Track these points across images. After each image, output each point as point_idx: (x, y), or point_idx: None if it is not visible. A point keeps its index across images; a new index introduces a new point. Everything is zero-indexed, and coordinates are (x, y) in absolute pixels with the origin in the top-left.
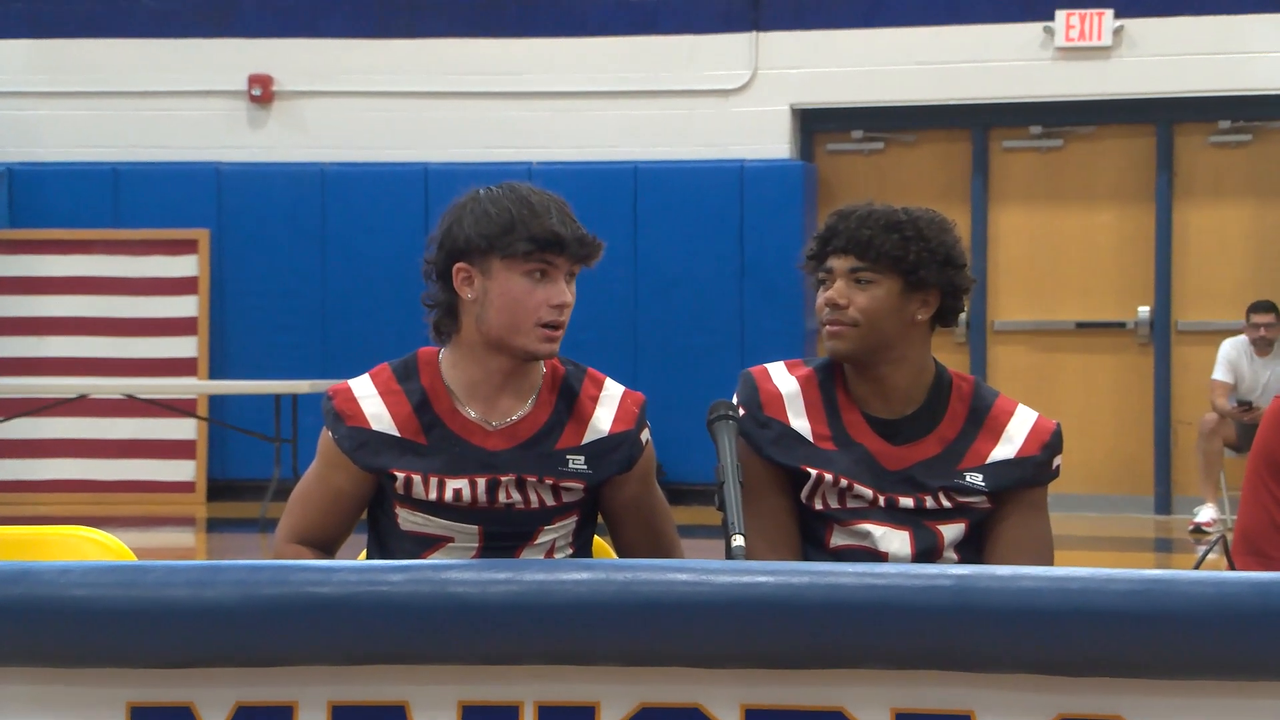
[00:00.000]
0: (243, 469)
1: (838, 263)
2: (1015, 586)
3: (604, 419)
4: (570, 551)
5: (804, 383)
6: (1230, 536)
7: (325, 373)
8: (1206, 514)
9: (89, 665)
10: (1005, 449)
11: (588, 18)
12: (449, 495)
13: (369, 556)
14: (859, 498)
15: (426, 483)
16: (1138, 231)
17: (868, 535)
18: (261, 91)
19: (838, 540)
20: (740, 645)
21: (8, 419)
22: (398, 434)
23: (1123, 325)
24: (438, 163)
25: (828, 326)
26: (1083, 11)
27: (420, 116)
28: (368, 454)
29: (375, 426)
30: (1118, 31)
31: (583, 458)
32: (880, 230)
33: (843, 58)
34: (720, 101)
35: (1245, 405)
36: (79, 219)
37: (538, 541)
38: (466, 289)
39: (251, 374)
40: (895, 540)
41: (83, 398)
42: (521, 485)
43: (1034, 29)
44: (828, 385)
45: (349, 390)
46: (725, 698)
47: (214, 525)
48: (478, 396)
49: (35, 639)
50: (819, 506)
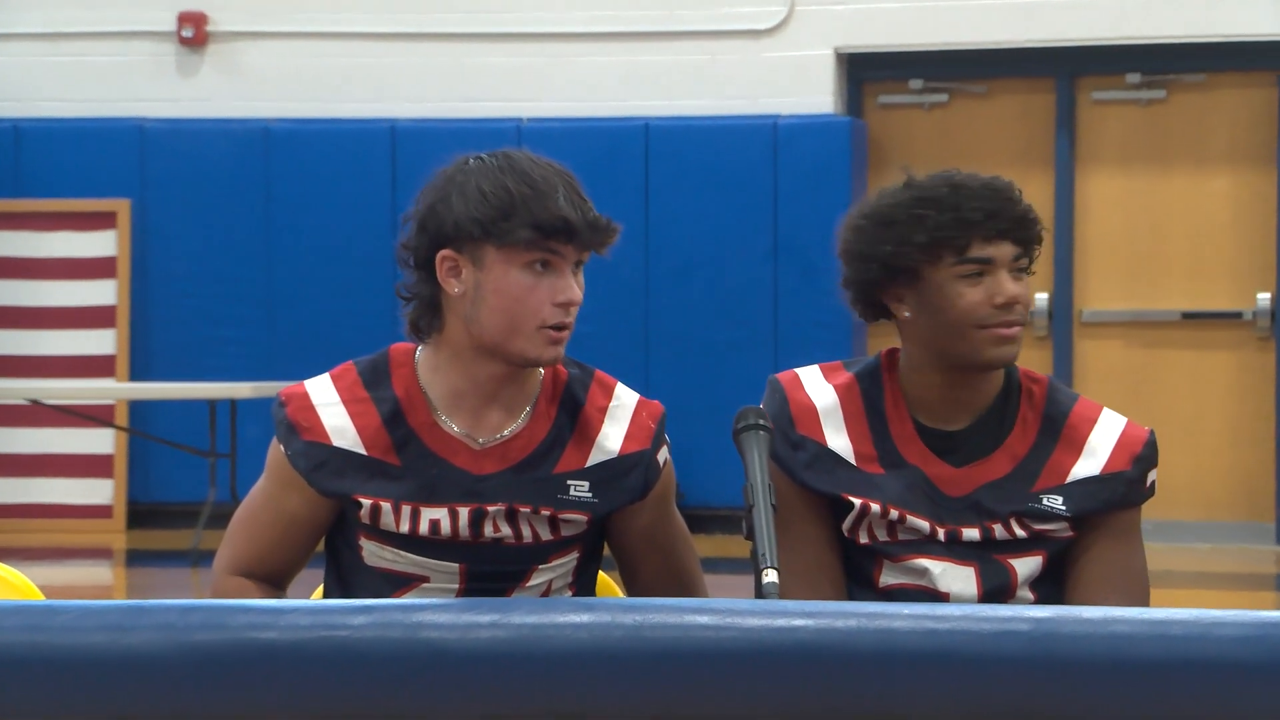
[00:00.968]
0: (171, 490)
1: (998, 250)
2: (1106, 632)
3: (614, 436)
4: (570, 595)
5: (843, 392)
6: None
7: (272, 373)
8: None
9: None
10: (1089, 464)
11: None
12: (425, 527)
13: (326, 594)
14: (913, 530)
15: (398, 511)
16: (1258, 201)
17: (925, 572)
18: (193, 32)
19: (888, 578)
20: (773, 703)
21: None
22: (364, 452)
23: (1239, 316)
24: (407, 119)
25: (1000, 330)
26: None
27: (385, 63)
28: (327, 475)
29: (337, 442)
30: None
31: (587, 484)
32: (1020, 203)
33: None
34: (749, 44)
35: None
36: None
37: (531, 583)
38: (453, 282)
39: (181, 375)
40: (958, 578)
41: None
42: (512, 517)
43: None
44: (873, 394)
45: (305, 396)
46: None
47: (136, 558)
48: (462, 407)
49: None
50: (865, 540)
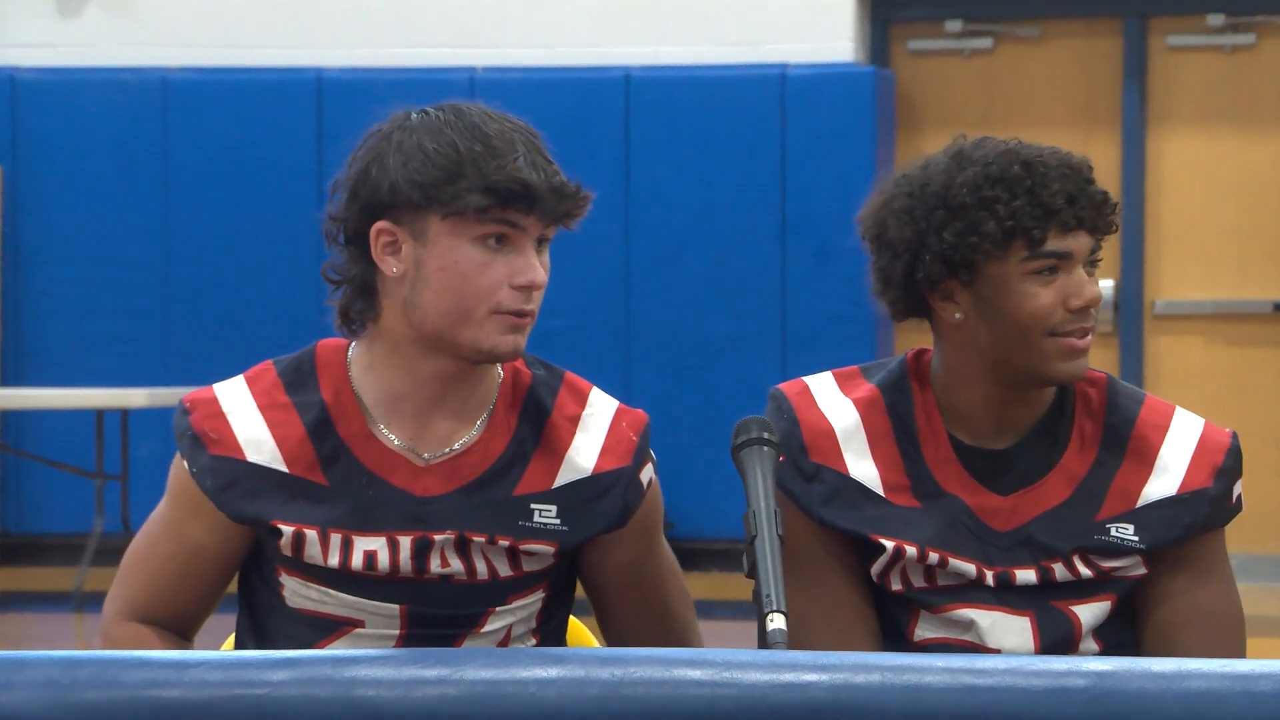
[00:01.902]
0: (49, 519)
1: (1077, 242)
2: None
3: (587, 451)
4: (533, 644)
5: (866, 408)
6: None
7: (171, 378)
8: None
9: None
10: (1163, 482)
11: None
12: (358, 560)
13: (239, 644)
14: (957, 574)
15: (325, 541)
16: None
17: (970, 625)
18: None
19: (925, 632)
20: None
21: None
22: (284, 469)
23: None
24: (336, 68)
25: (1073, 339)
26: None
27: (310, 1)
28: (240, 497)
29: (252, 457)
30: None
31: (554, 508)
32: (1096, 185)
33: None
34: None
35: None
36: None
37: (486, 629)
38: (391, 260)
39: (61, 379)
40: (1011, 630)
41: None
42: (464, 547)
43: None
44: (901, 409)
45: (214, 401)
46: None
47: (8, 601)
48: (402, 414)
49: None
50: (897, 587)
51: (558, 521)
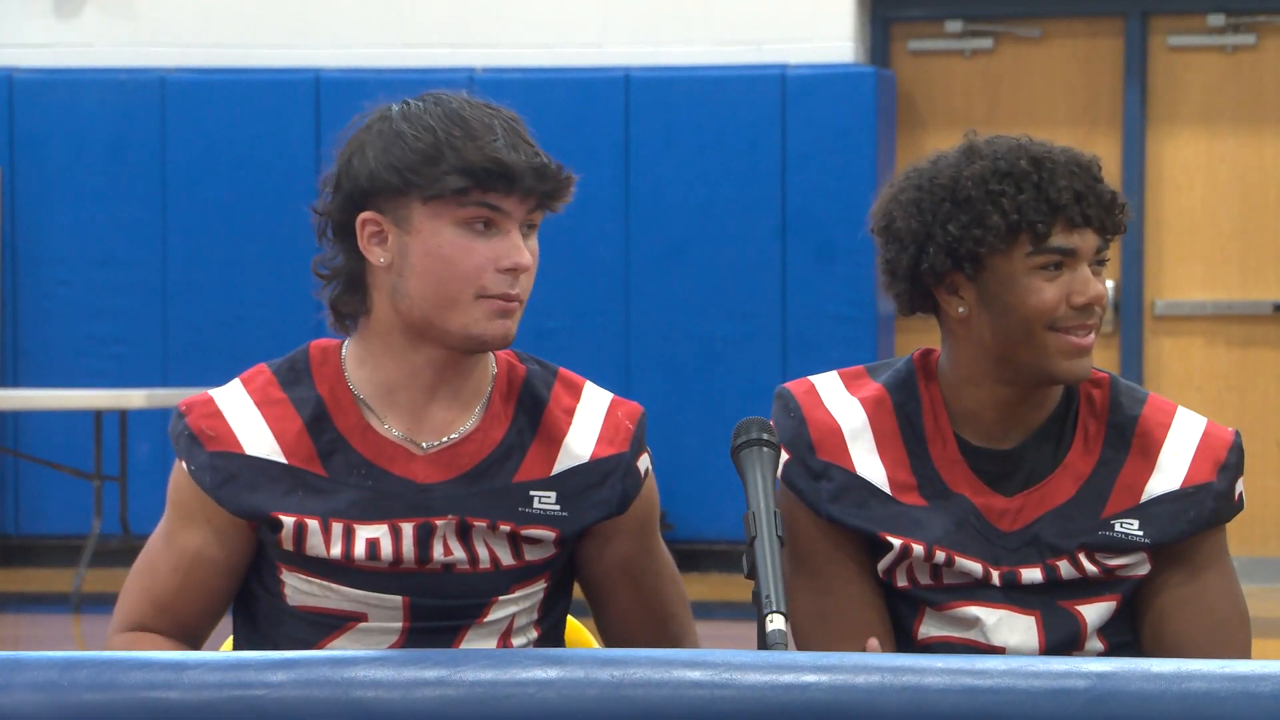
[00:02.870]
0: (47, 520)
1: (1084, 240)
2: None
3: (584, 439)
4: (535, 636)
5: (873, 407)
6: None
7: (169, 379)
8: None
9: None
10: (1166, 477)
11: None
12: (361, 549)
13: (237, 646)
14: (962, 573)
15: (327, 531)
16: None
17: (975, 623)
18: None
19: (930, 629)
20: None
21: None
22: (283, 460)
23: None
24: (334, 68)
25: (1075, 336)
26: None
27: (309, 1)
28: (240, 490)
29: (251, 450)
30: None
31: (554, 494)
32: (1105, 184)
33: None
34: None
35: None
36: None
37: (489, 619)
38: (377, 250)
39: (60, 381)
40: (1016, 629)
41: None
42: (466, 533)
43: None
44: (909, 408)
45: (210, 402)
46: None
47: (7, 603)
48: (398, 405)
49: None
50: (903, 584)
51: (558, 508)
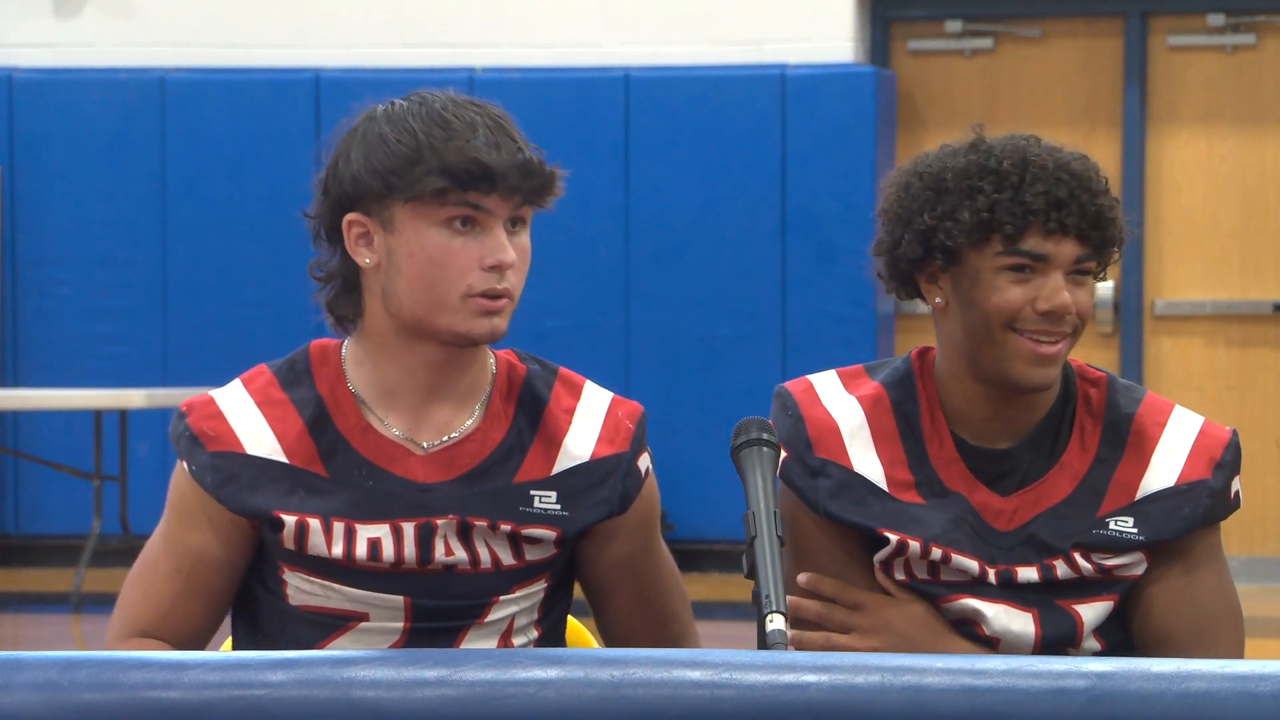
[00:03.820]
0: (47, 520)
1: (1059, 248)
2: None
3: (584, 439)
4: (535, 636)
5: (870, 405)
6: None
7: (169, 378)
8: None
9: None
10: (1161, 475)
11: None
12: (362, 549)
13: (237, 647)
14: (959, 571)
15: (329, 530)
16: None
17: (974, 615)
18: None
19: None
20: None
21: None
22: (285, 460)
23: None
24: (334, 68)
25: (1036, 342)
26: None
27: (309, 1)
28: (241, 490)
29: (252, 450)
30: None
31: (554, 494)
32: (1100, 195)
33: None
34: None
35: None
36: None
37: (489, 619)
38: (365, 252)
39: (59, 380)
40: (1015, 620)
41: None
42: (466, 533)
43: None
44: (906, 406)
45: (211, 403)
46: None
47: (7, 602)
48: (398, 405)
49: None
50: (901, 577)
51: (558, 507)
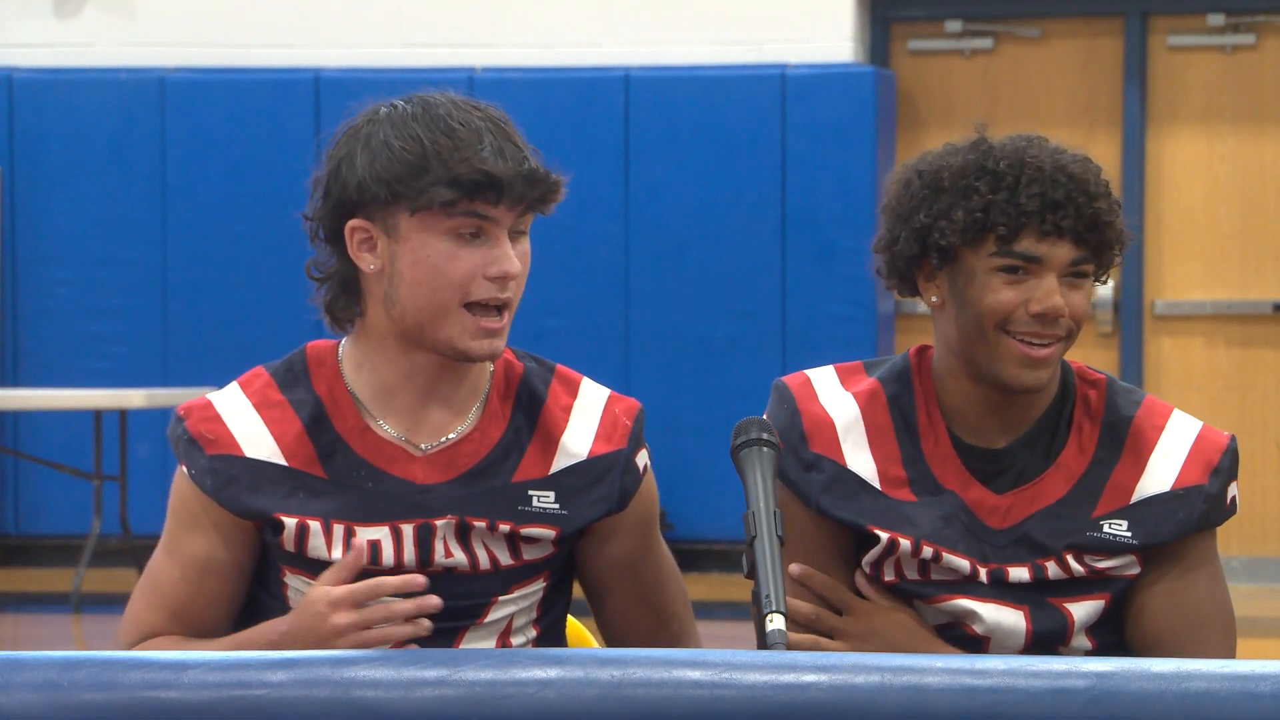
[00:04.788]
0: (47, 520)
1: (1050, 250)
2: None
3: (581, 437)
4: (534, 635)
5: (866, 401)
6: None
7: (169, 378)
8: None
9: None
10: (1157, 479)
11: None
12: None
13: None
14: (951, 569)
15: (329, 532)
16: None
17: (969, 613)
18: None
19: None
20: None
21: None
22: (284, 462)
23: None
24: (334, 68)
25: (1028, 344)
26: None
27: (309, 1)
28: (240, 492)
29: (250, 452)
30: None
31: (553, 493)
32: (1098, 198)
33: None
34: None
35: None
36: None
37: (488, 619)
38: (367, 257)
39: (59, 380)
40: (1006, 618)
41: None
42: (465, 534)
43: None
44: (902, 403)
45: (209, 406)
46: None
47: (7, 602)
48: (396, 407)
49: None
50: (890, 577)
51: (556, 506)
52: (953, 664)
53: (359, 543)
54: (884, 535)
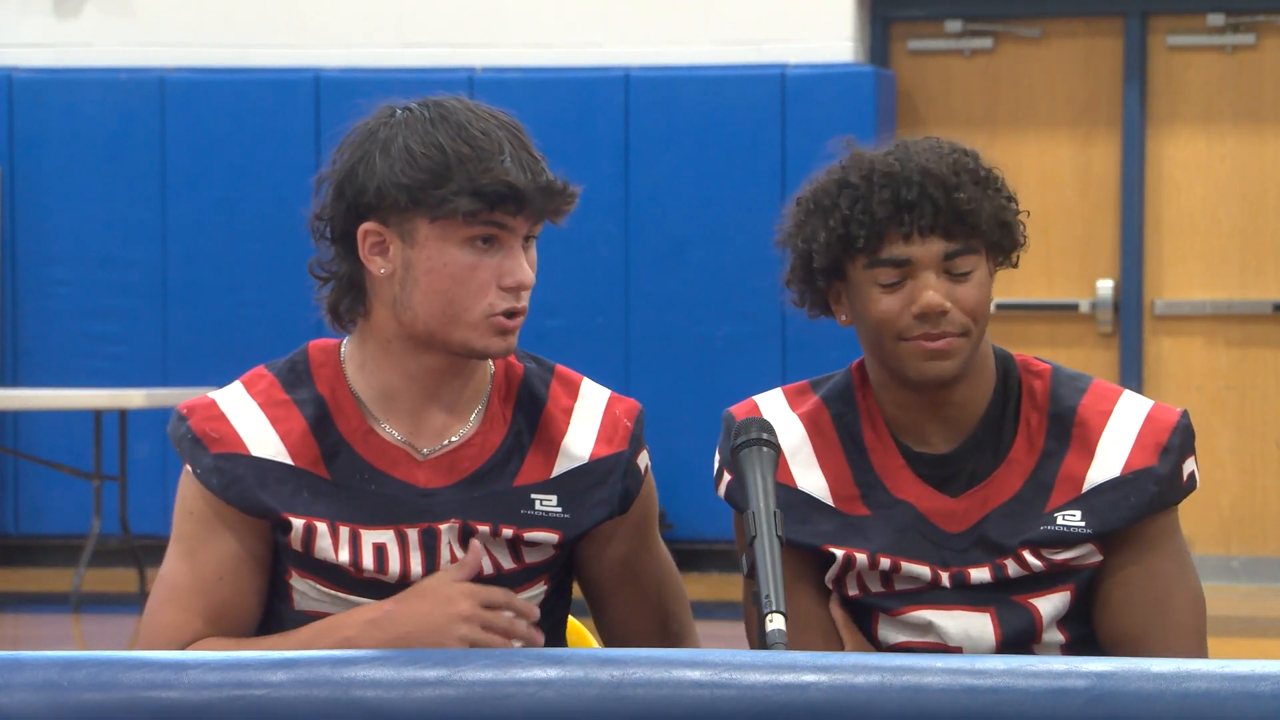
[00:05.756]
0: (47, 520)
1: (918, 250)
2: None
3: (582, 440)
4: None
5: (811, 420)
6: None
7: (169, 378)
8: None
9: None
10: (1106, 465)
11: None
12: (368, 557)
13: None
14: (912, 578)
15: (335, 534)
16: None
17: (929, 626)
18: None
19: (887, 635)
20: None
21: None
22: (290, 462)
23: None
24: (334, 68)
25: (923, 342)
26: None
27: (309, 1)
28: (247, 489)
29: (256, 451)
30: None
31: (555, 497)
32: (958, 189)
33: None
34: None
35: None
36: None
37: None
38: (379, 260)
39: (59, 380)
40: (971, 628)
41: None
42: (467, 539)
43: None
44: (847, 418)
45: (212, 405)
46: None
47: (6, 602)
48: (399, 409)
49: None
50: (854, 592)
51: (559, 510)
52: (953, 664)
53: (476, 543)
54: (839, 552)
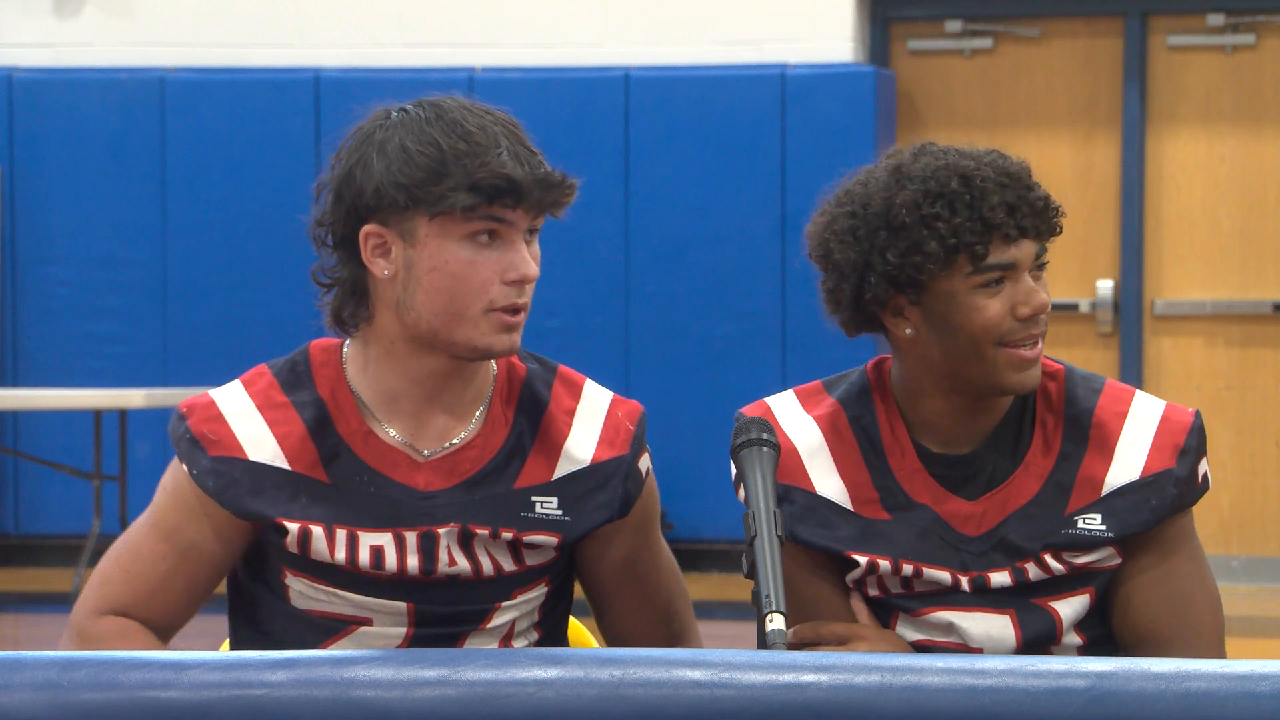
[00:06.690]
0: (47, 520)
1: (1021, 251)
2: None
3: (584, 442)
4: (535, 638)
5: (829, 424)
6: None
7: (169, 378)
8: None
9: None
10: (1125, 469)
11: None
12: (365, 557)
13: (235, 646)
14: (932, 582)
15: (331, 537)
16: None
17: (950, 627)
18: None
19: (906, 633)
20: None
21: None
22: (287, 466)
23: None
24: (334, 68)
25: (1023, 350)
26: None
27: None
28: (242, 494)
29: (254, 455)
30: None
31: (555, 499)
32: (1037, 187)
33: None
34: None
35: None
36: None
37: (491, 624)
38: (381, 263)
39: (59, 380)
40: (993, 625)
41: None
42: (467, 541)
43: None
44: (865, 421)
45: (212, 405)
46: None
47: (6, 602)
48: (400, 411)
49: None
50: (874, 593)
51: (559, 512)
52: (953, 664)
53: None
54: (863, 559)
